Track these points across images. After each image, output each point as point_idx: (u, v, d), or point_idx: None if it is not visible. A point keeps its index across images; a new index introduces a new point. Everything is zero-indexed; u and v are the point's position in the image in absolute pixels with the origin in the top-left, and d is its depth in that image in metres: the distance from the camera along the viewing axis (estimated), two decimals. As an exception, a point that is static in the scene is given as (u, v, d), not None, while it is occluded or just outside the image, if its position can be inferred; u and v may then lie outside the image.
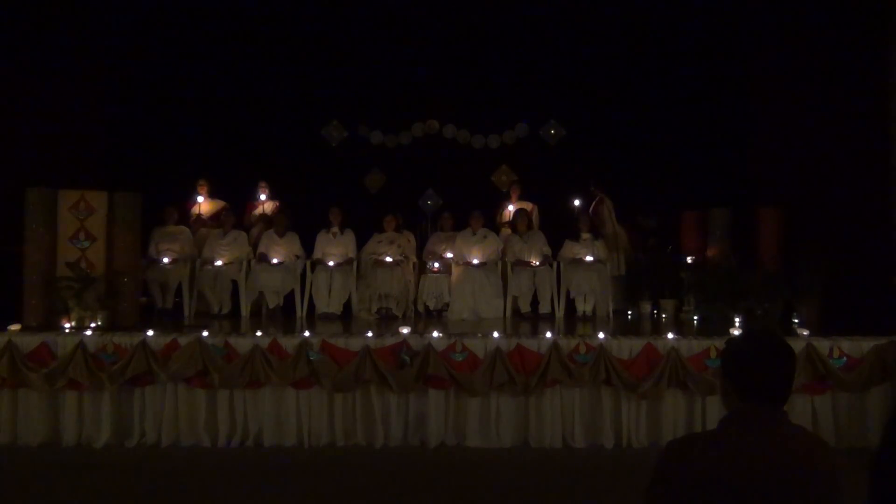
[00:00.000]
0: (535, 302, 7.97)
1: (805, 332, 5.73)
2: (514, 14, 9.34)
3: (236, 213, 8.56)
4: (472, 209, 8.31)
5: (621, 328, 6.66)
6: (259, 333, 5.70)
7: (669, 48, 9.22)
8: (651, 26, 9.13)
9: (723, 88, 9.00)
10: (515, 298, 7.94)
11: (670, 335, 5.63)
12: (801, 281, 6.78)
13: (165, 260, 7.88)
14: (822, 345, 5.55)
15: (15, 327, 5.80)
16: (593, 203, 8.87)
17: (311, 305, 7.77)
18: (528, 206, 8.81)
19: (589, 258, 7.88)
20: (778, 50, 8.30)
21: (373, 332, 5.83)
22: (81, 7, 8.17)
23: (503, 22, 9.47)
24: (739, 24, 8.56)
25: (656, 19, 9.02)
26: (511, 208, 8.94)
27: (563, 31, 9.51)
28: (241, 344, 5.58)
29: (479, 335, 5.71)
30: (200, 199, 8.76)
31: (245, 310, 7.77)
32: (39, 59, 7.66)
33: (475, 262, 7.85)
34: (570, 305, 8.02)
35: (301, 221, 8.32)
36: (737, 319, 6.42)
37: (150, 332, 5.63)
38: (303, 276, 7.87)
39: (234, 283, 7.91)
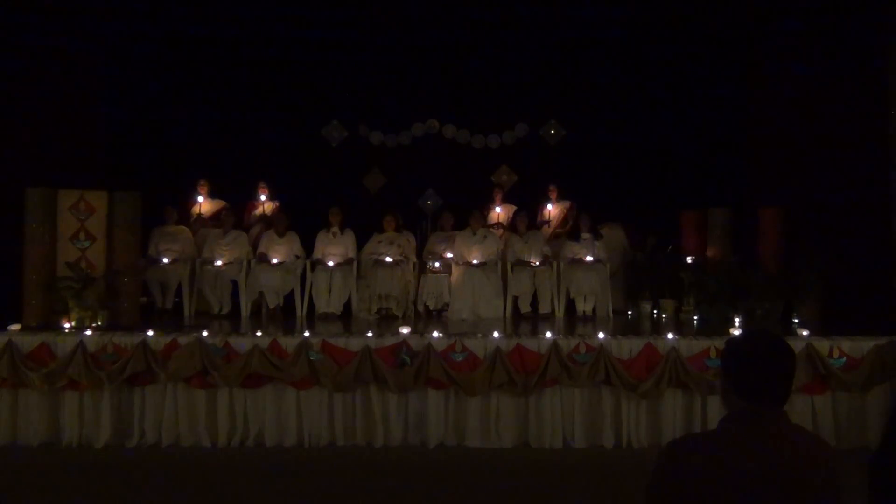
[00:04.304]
0: (535, 302, 7.97)
1: (805, 332, 5.73)
2: (514, 14, 9.33)
3: (236, 213, 8.55)
4: (472, 209, 8.30)
5: (621, 328, 6.66)
6: (259, 333, 5.71)
7: (669, 48, 9.22)
8: (651, 26, 9.13)
9: (723, 88, 9.00)
10: (515, 298, 7.94)
11: (670, 335, 5.63)
12: (801, 281, 6.79)
13: (165, 260, 7.88)
14: (822, 345, 5.55)
15: (15, 327, 5.80)
16: (552, 203, 8.89)
17: (311, 305, 7.76)
18: (511, 208, 8.81)
19: (589, 258, 7.88)
20: (778, 50, 8.30)
21: (373, 332, 5.83)
22: (81, 7, 8.16)
23: (503, 22, 9.46)
24: (739, 24, 8.56)
25: (656, 19, 9.02)
26: (498, 210, 8.95)
27: (563, 32, 9.50)
28: (241, 344, 5.58)
29: (479, 335, 5.71)
30: (200, 199, 8.76)
31: (245, 310, 7.76)
32: (39, 58, 7.66)
33: (475, 262, 7.85)
34: (570, 305, 8.03)
35: (301, 221, 8.31)
36: (737, 319, 6.43)
37: (150, 332, 5.63)
38: (303, 276, 7.87)
39: (234, 283, 7.91)
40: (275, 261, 7.85)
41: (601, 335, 5.61)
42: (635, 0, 8.91)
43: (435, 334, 5.65)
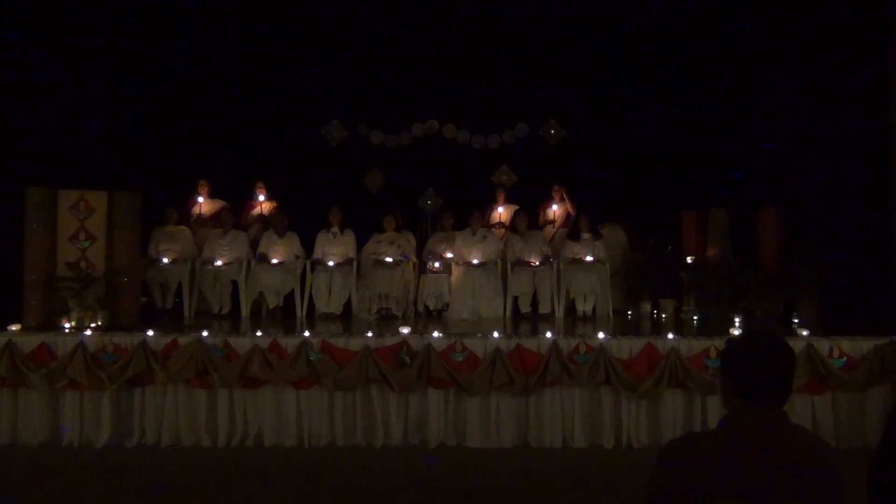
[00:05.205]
0: (535, 302, 7.97)
1: (805, 332, 5.72)
2: (514, 14, 9.34)
3: (236, 213, 8.56)
4: (472, 209, 8.30)
5: (621, 328, 6.66)
6: (259, 333, 5.70)
7: (669, 48, 9.22)
8: (651, 26, 9.13)
9: (722, 88, 9.00)
10: (515, 298, 7.94)
11: (670, 335, 5.63)
12: (801, 281, 6.79)
13: (165, 260, 7.88)
14: (822, 345, 5.55)
15: (15, 327, 5.80)
16: (554, 202, 8.90)
17: (311, 305, 7.77)
18: (513, 208, 8.81)
19: (589, 258, 7.88)
20: (777, 49, 8.30)
21: (373, 332, 5.83)
22: (81, 7, 8.16)
23: (503, 22, 9.47)
24: (739, 24, 8.56)
25: (656, 19, 9.02)
26: (501, 210, 8.95)
27: (563, 32, 9.51)
28: (241, 344, 5.58)
29: (479, 335, 5.71)
30: (200, 199, 8.77)
31: (245, 310, 7.76)
32: (39, 58, 7.66)
33: (475, 262, 7.85)
34: (571, 305, 8.03)
35: (301, 221, 8.31)
36: (737, 319, 6.43)
37: (150, 332, 5.63)
38: (303, 276, 7.87)
39: (234, 283, 7.91)
40: (275, 261, 7.85)
41: (601, 335, 5.61)
42: (636, 1, 8.92)
43: (435, 334, 5.65)
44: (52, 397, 5.57)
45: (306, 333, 5.70)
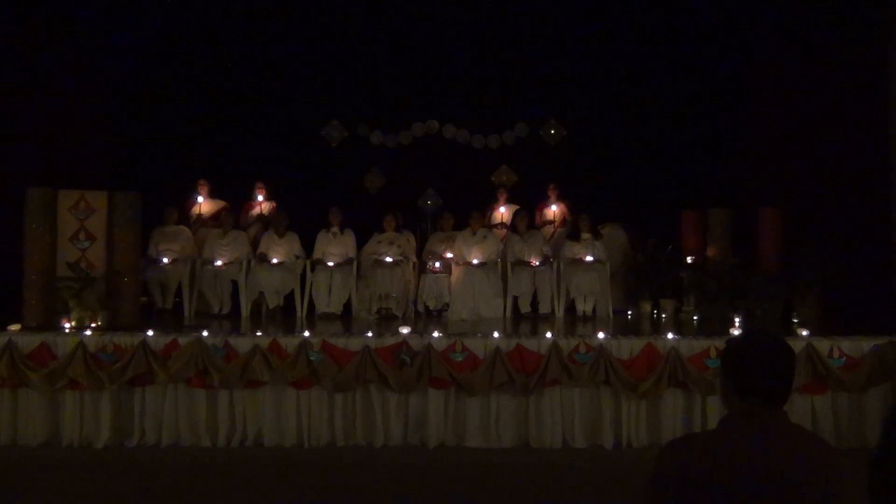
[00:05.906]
0: (535, 302, 7.97)
1: (805, 332, 5.72)
2: (514, 14, 9.35)
3: (236, 213, 8.56)
4: (472, 209, 8.30)
5: (621, 328, 6.65)
6: (259, 333, 5.71)
7: (669, 48, 9.22)
8: (651, 26, 9.14)
9: (722, 88, 9.01)
10: (515, 298, 7.94)
11: (670, 335, 5.62)
12: (801, 281, 6.79)
13: (165, 260, 7.88)
14: (822, 345, 5.55)
15: (15, 327, 5.79)
16: (551, 202, 8.91)
17: (311, 305, 7.77)
18: (515, 208, 8.81)
19: (589, 258, 7.88)
20: (778, 50, 8.31)
21: (373, 332, 5.83)
22: (81, 7, 8.17)
23: (503, 22, 9.48)
24: (739, 24, 8.57)
25: (656, 19, 9.03)
26: (503, 210, 8.96)
27: (562, 32, 9.51)
28: (241, 344, 5.58)
29: (479, 335, 5.71)
30: (200, 199, 8.77)
31: (245, 310, 7.76)
32: (39, 58, 7.66)
33: (475, 262, 7.84)
34: (571, 305, 8.03)
35: (301, 221, 8.31)
36: (737, 319, 6.43)
37: (150, 332, 5.63)
38: (303, 276, 7.87)
39: (234, 283, 7.91)
40: (275, 261, 7.85)
41: (601, 335, 5.61)
42: (636, 1, 8.93)
43: (435, 334, 5.65)
44: (52, 397, 5.57)
45: (306, 333, 5.70)
